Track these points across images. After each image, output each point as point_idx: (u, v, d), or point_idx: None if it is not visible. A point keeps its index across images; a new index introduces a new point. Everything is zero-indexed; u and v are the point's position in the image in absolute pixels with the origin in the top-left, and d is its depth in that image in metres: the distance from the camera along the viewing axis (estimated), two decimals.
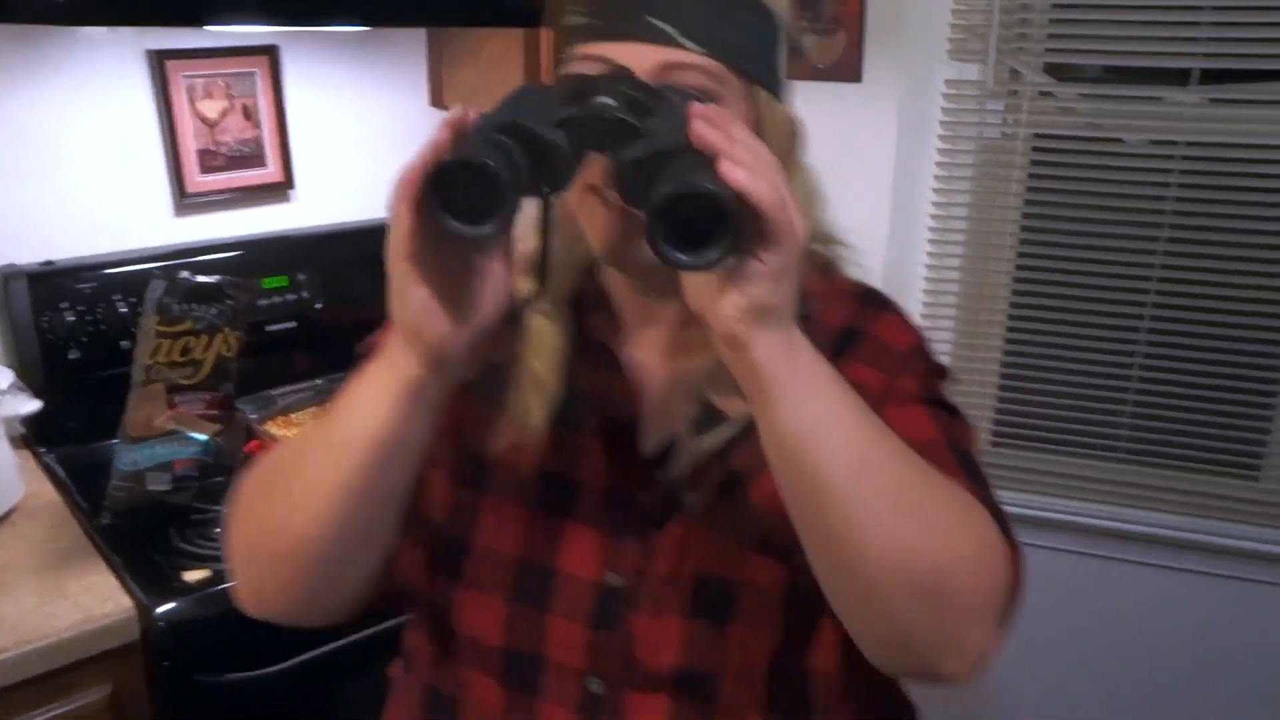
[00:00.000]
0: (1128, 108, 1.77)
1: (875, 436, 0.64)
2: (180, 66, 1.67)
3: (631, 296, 0.82)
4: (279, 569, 0.74)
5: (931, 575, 0.62)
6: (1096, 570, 1.95)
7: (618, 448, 0.80)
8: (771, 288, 0.59)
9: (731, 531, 0.77)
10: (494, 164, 0.58)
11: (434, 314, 0.63)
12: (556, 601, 0.79)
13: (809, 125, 2.15)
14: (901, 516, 0.63)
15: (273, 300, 1.75)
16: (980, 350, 1.94)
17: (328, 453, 0.69)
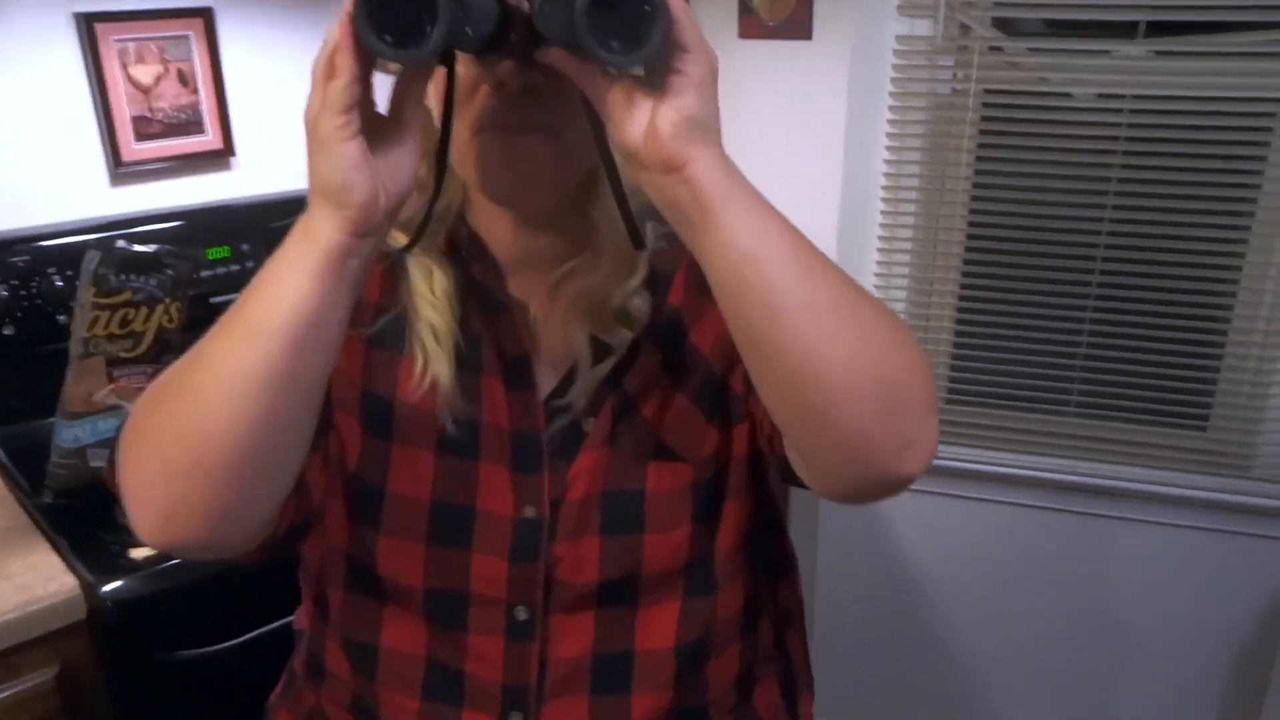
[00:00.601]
0: (1075, 61, 1.77)
1: (811, 248, 0.65)
2: (110, 30, 1.61)
3: (510, 236, 0.82)
4: (193, 482, 0.67)
5: (886, 372, 0.65)
6: (1053, 523, 1.98)
7: (516, 387, 0.82)
8: (699, 97, 0.61)
9: (633, 449, 0.82)
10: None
11: (362, 172, 0.62)
12: (476, 540, 0.82)
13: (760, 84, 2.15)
14: (849, 320, 0.65)
15: (216, 271, 1.70)
16: (935, 308, 1.95)
17: (244, 341, 0.64)
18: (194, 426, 0.66)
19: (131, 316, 1.28)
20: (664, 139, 0.61)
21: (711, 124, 0.63)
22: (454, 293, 0.81)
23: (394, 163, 0.64)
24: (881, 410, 0.64)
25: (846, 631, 2.21)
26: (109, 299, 1.26)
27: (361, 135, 0.62)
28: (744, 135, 1.98)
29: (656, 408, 0.82)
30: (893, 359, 0.66)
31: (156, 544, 0.71)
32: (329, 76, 0.61)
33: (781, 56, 1.91)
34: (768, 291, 0.62)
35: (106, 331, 1.27)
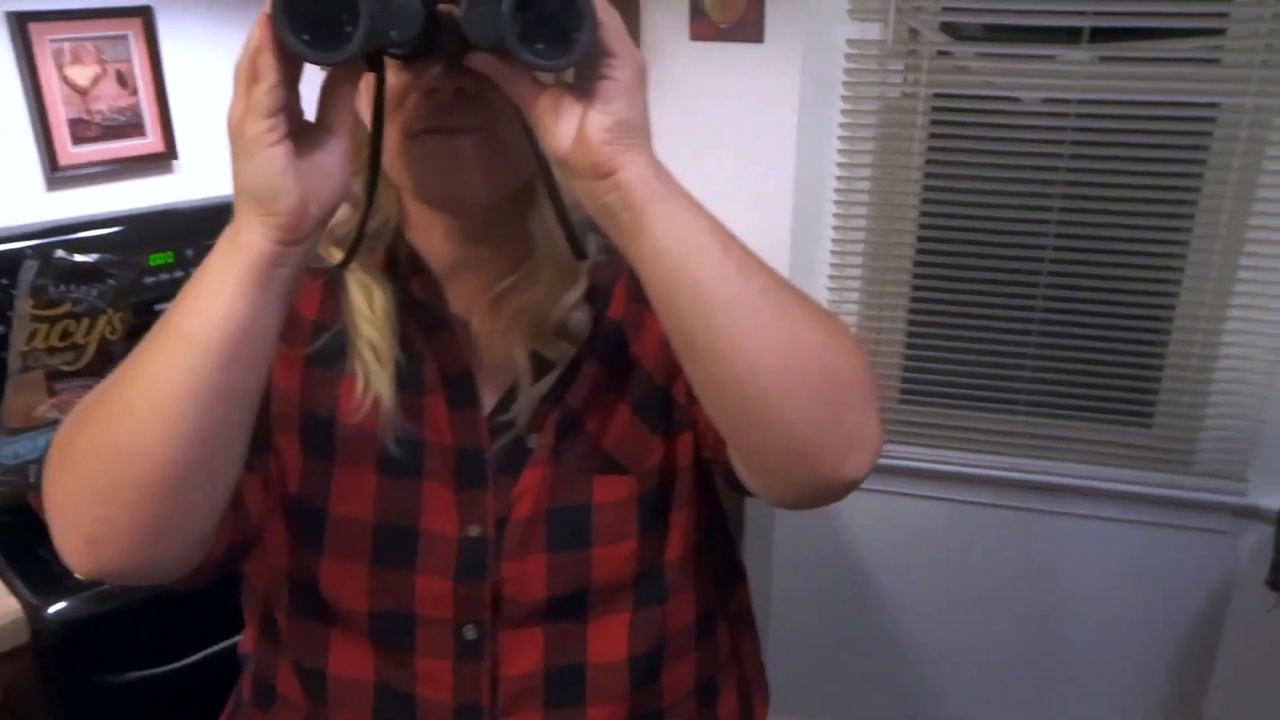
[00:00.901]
0: (1022, 66, 1.80)
1: (744, 249, 0.66)
2: (45, 29, 1.56)
3: (449, 252, 0.81)
4: (122, 504, 0.65)
5: (823, 368, 0.65)
6: (1003, 520, 2.01)
7: (458, 404, 0.81)
8: (628, 101, 0.62)
9: (578, 464, 0.81)
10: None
11: (289, 177, 0.60)
12: (420, 561, 0.80)
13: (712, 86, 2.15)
14: (786, 316, 0.65)
15: (159, 278, 1.65)
16: (887, 310, 1.97)
17: (171, 354, 0.62)
18: (121, 443, 0.63)
19: (73, 328, 1.24)
20: (593, 145, 0.61)
21: (641, 128, 0.63)
22: (394, 310, 0.80)
23: (323, 168, 0.63)
24: (820, 406, 0.65)
25: (803, 629, 2.22)
26: (48, 310, 1.22)
27: (289, 140, 0.60)
28: (696, 137, 1.99)
29: (600, 421, 0.82)
30: (829, 354, 0.66)
31: (84, 570, 0.68)
32: (252, 80, 0.60)
33: (733, 59, 1.91)
34: (699, 289, 0.63)
35: (46, 344, 1.23)
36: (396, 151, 0.73)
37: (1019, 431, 1.97)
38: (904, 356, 2.00)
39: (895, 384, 2.02)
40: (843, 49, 1.83)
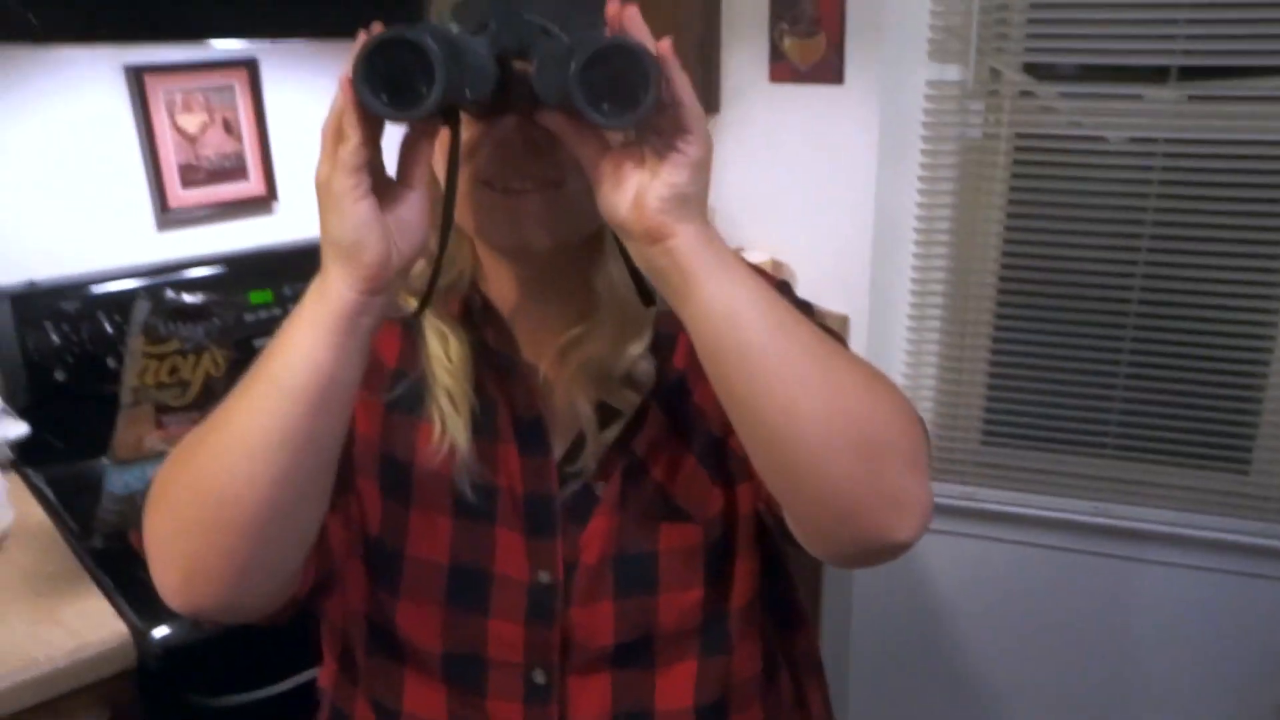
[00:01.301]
0: (1108, 105, 1.78)
1: (788, 311, 0.68)
2: (159, 81, 1.66)
3: (520, 304, 0.84)
4: (214, 544, 0.68)
5: (865, 427, 0.66)
6: (1090, 566, 1.97)
7: (530, 451, 0.83)
8: (691, 176, 0.64)
9: (644, 511, 0.83)
10: (423, 38, 0.60)
11: (374, 230, 0.64)
12: (492, 604, 0.82)
13: (791, 127, 2.17)
14: (827, 376, 0.66)
15: (259, 315, 1.73)
16: (968, 349, 1.95)
17: (262, 400, 0.66)
18: (213, 486, 0.67)
19: (180, 365, 1.30)
20: (650, 211, 0.64)
21: (698, 200, 0.65)
22: (469, 358, 0.83)
23: (403, 221, 0.67)
24: (863, 469, 0.65)
25: (882, 671, 2.19)
26: (158, 348, 1.29)
27: (372, 195, 0.65)
28: (776, 178, 2.01)
29: (665, 469, 0.84)
30: (875, 417, 0.67)
31: (178, 606, 0.72)
32: (337, 139, 0.64)
33: (813, 100, 1.93)
34: (742, 350, 0.65)
35: (156, 380, 1.29)
36: (467, 201, 0.76)
37: (1106, 476, 1.92)
38: (986, 397, 1.98)
39: (977, 425, 1.99)
40: (922, 90, 1.83)
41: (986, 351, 1.95)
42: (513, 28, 0.66)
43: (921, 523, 0.67)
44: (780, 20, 1.92)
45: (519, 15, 0.66)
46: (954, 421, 1.99)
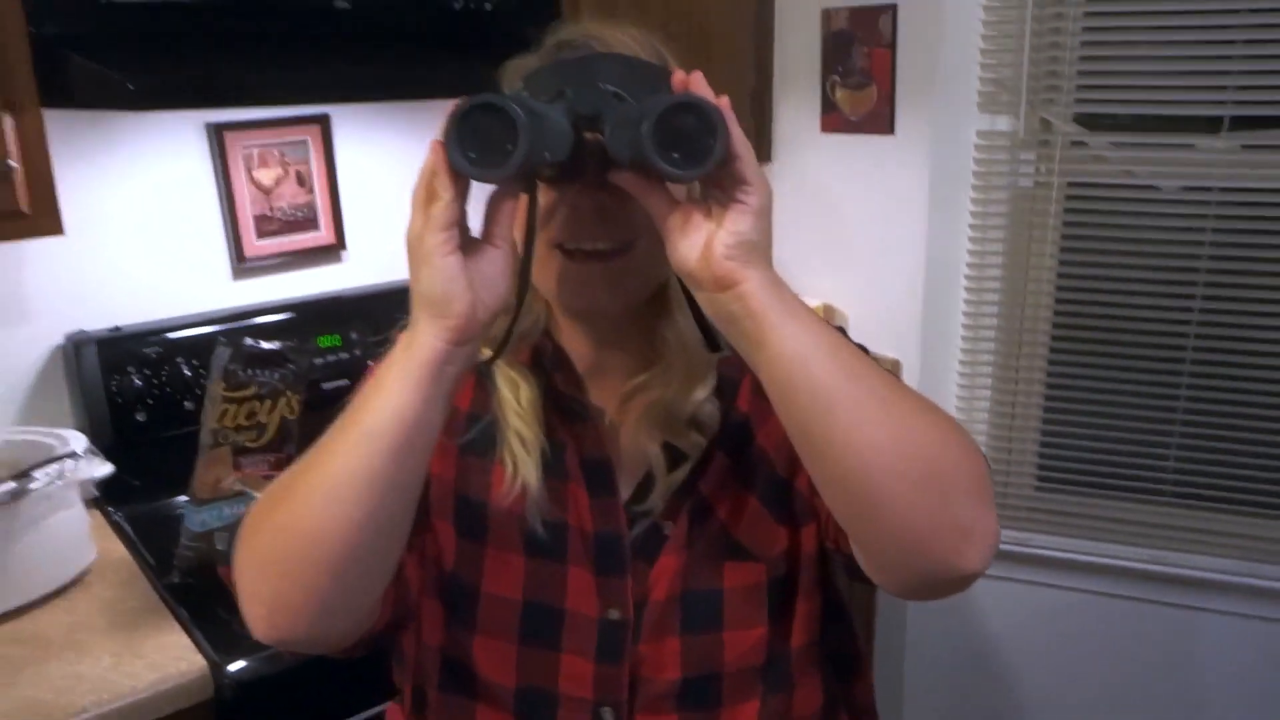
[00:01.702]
0: (1160, 155, 1.79)
1: (855, 352, 0.71)
2: (238, 137, 1.74)
3: (588, 351, 0.89)
4: (300, 578, 0.72)
5: (933, 461, 0.68)
6: (1147, 615, 1.94)
7: (598, 493, 0.87)
8: (754, 223, 0.68)
9: (710, 550, 0.86)
10: (509, 104, 0.66)
11: (461, 284, 0.69)
12: (564, 640, 0.86)
13: (843, 176, 2.20)
14: (895, 413, 0.69)
15: (327, 359, 1.80)
16: (1021, 394, 1.96)
17: (350, 445, 0.71)
18: (301, 525, 0.72)
19: (257, 408, 1.37)
20: (718, 259, 0.68)
21: (763, 247, 0.69)
22: (539, 402, 0.88)
23: (488, 277, 0.71)
24: (932, 500, 0.67)
25: (934, 718, 2.18)
26: (237, 392, 1.35)
27: (460, 251, 0.69)
28: (827, 226, 2.05)
29: (730, 509, 0.87)
30: (940, 450, 0.69)
31: (265, 639, 0.76)
32: (429, 199, 0.69)
33: (864, 149, 1.97)
34: (814, 391, 0.68)
35: (234, 423, 1.36)
36: (542, 262, 0.82)
37: (1162, 523, 1.90)
38: (1039, 443, 1.98)
39: (1031, 470, 1.99)
40: (973, 140, 1.86)
41: (1040, 396, 1.95)
42: (587, 95, 0.71)
43: (989, 552, 0.69)
44: (832, 72, 1.97)
45: (593, 84, 0.72)
46: (1007, 466, 1.99)
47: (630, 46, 0.82)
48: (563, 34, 0.84)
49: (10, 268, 1.58)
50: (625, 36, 0.83)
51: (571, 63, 0.79)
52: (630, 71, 0.78)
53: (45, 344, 1.63)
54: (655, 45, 0.85)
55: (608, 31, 0.83)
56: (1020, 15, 1.76)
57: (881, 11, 1.87)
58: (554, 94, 0.72)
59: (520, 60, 0.85)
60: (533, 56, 0.85)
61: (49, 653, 1.23)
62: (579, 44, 0.83)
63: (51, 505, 1.33)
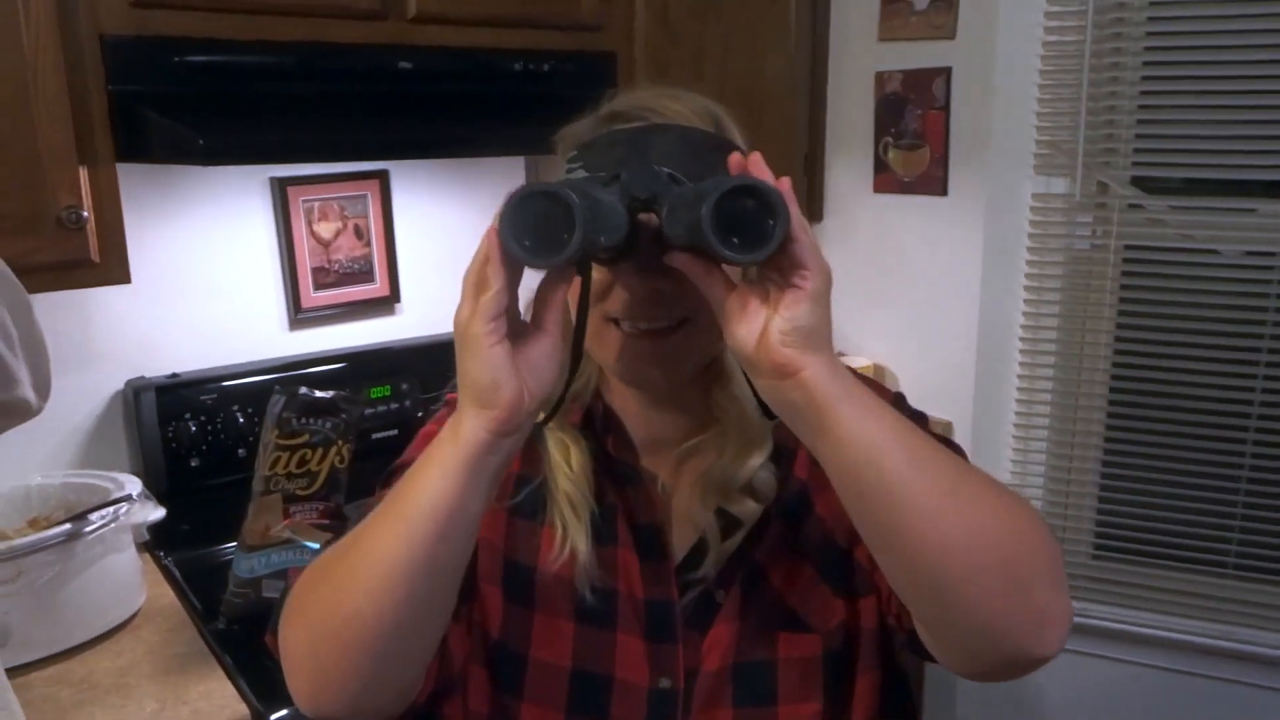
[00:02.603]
0: (1220, 219, 1.76)
1: (922, 438, 0.68)
2: (300, 192, 1.79)
3: (641, 414, 0.88)
4: (343, 656, 0.72)
5: (1007, 549, 0.66)
6: (1208, 691, 1.87)
7: (649, 558, 0.85)
8: (811, 308, 0.65)
9: (764, 619, 0.83)
10: (565, 192, 0.64)
11: (508, 373, 0.67)
12: (613, 709, 0.83)
13: (895, 236, 2.20)
14: (966, 502, 0.66)
15: (377, 409, 1.82)
16: (1077, 460, 1.92)
17: (392, 530, 0.70)
18: (342, 609, 0.71)
19: (309, 457, 1.38)
20: (775, 345, 0.65)
21: (822, 332, 0.66)
22: (589, 466, 0.86)
23: (535, 364, 0.69)
24: (1005, 589, 0.65)
25: None
26: (290, 440, 1.37)
27: (507, 340, 0.67)
28: (879, 286, 2.04)
29: (785, 578, 0.84)
30: (1014, 538, 0.67)
31: (308, 711, 0.76)
32: (480, 287, 0.66)
33: (916, 210, 1.97)
34: (883, 484, 0.65)
35: (286, 470, 1.37)
36: (596, 334, 0.81)
37: (1224, 596, 1.84)
38: (1096, 510, 1.93)
39: (1087, 538, 1.94)
40: (1028, 202, 1.85)
41: (1097, 462, 1.91)
42: (643, 178, 0.70)
43: (1064, 636, 0.67)
44: (885, 133, 1.97)
45: (648, 163, 0.72)
46: (1062, 534, 1.94)
47: (686, 116, 0.81)
48: (617, 104, 0.84)
49: (76, 315, 1.62)
50: (681, 106, 0.82)
51: (626, 136, 0.79)
52: (686, 146, 0.78)
53: (106, 390, 1.67)
54: (712, 110, 0.84)
55: (663, 102, 0.82)
56: (1076, 78, 1.75)
57: (935, 74, 1.88)
58: (609, 176, 0.71)
59: (574, 126, 0.85)
60: (586, 122, 0.84)
61: (95, 696, 1.24)
62: (633, 115, 0.82)
63: (105, 548, 1.35)
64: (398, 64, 1.46)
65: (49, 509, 1.50)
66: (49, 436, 1.63)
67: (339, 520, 1.44)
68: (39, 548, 1.27)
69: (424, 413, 1.85)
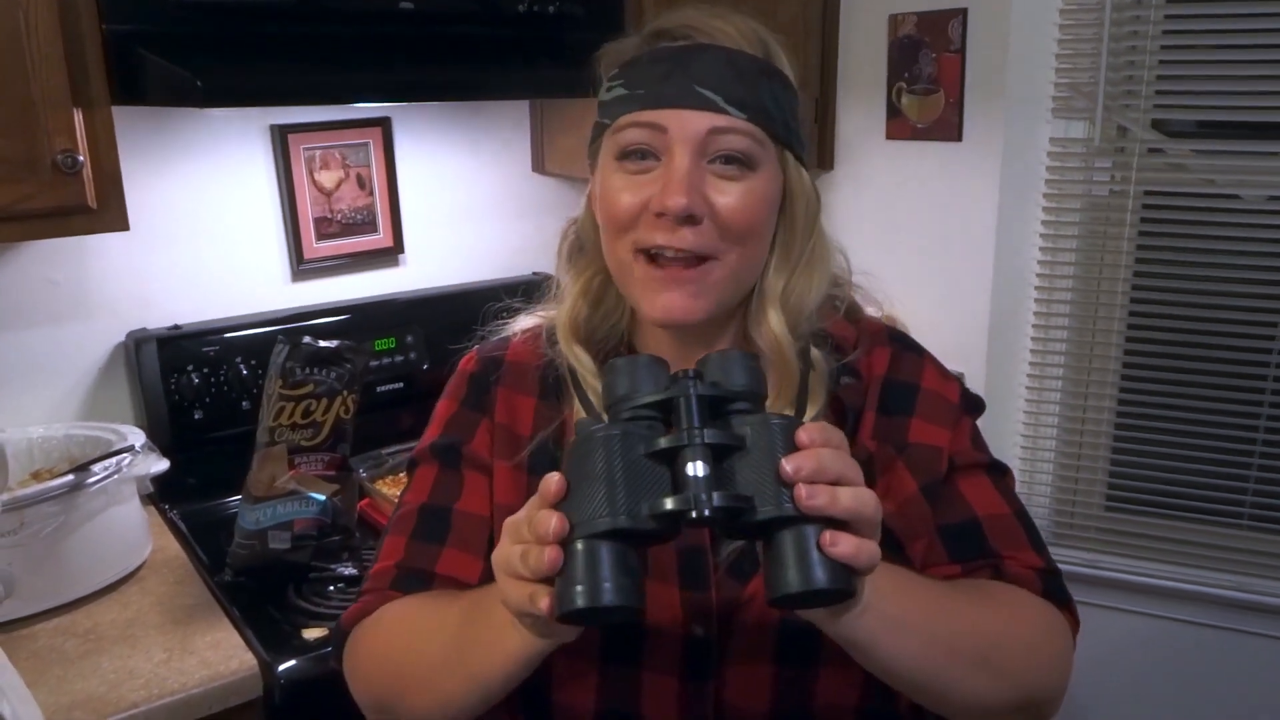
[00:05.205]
0: (1243, 163, 1.72)
1: (949, 619, 0.72)
2: (300, 139, 1.75)
3: (673, 355, 0.85)
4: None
5: (1026, 694, 0.76)
6: (1222, 642, 1.86)
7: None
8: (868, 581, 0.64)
9: None
10: (621, 603, 0.59)
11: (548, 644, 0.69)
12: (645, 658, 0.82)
13: (908, 184, 2.16)
14: (992, 666, 0.73)
15: (382, 361, 1.80)
16: (1091, 410, 1.89)
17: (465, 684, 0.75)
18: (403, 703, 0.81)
19: (313, 407, 1.36)
20: (820, 621, 0.66)
21: (858, 601, 0.64)
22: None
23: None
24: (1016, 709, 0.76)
25: None
26: (294, 391, 1.35)
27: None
28: (892, 233, 2.00)
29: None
30: (1034, 677, 0.76)
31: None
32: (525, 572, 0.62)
33: (930, 156, 1.92)
34: (914, 675, 0.70)
35: (290, 421, 1.35)
36: (623, 268, 0.81)
37: (1240, 547, 1.82)
38: (1110, 461, 1.91)
39: (1100, 489, 1.92)
40: (1045, 147, 1.80)
41: (1111, 413, 1.88)
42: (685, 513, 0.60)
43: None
44: (898, 78, 1.93)
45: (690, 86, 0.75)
46: (1075, 485, 1.92)
47: (733, 37, 0.79)
48: (663, 20, 0.82)
49: (75, 264, 1.60)
50: (729, 27, 0.80)
51: (669, 54, 0.77)
52: (732, 69, 0.77)
53: (108, 341, 1.64)
54: (761, 34, 0.81)
55: (711, 21, 0.80)
56: (1097, 18, 1.70)
57: (951, 16, 1.83)
58: (655, 512, 0.60)
59: (617, 44, 0.83)
60: (631, 40, 0.82)
61: (102, 646, 1.23)
62: (678, 33, 0.80)
63: (108, 499, 1.34)
64: (399, 4, 1.42)
65: (52, 461, 1.48)
66: (51, 389, 1.61)
67: (344, 471, 1.42)
68: (42, 499, 1.26)
69: (428, 365, 1.82)
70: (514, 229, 2.01)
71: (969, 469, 0.86)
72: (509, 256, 2.00)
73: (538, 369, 0.90)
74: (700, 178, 0.76)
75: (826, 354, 0.84)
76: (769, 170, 0.80)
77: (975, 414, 0.91)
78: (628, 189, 0.78)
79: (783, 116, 0.80)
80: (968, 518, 0.84)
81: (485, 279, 1.96)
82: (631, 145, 0.79)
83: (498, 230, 1.99)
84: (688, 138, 0.76)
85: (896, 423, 0.85)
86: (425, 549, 0.87)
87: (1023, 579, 0.82)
